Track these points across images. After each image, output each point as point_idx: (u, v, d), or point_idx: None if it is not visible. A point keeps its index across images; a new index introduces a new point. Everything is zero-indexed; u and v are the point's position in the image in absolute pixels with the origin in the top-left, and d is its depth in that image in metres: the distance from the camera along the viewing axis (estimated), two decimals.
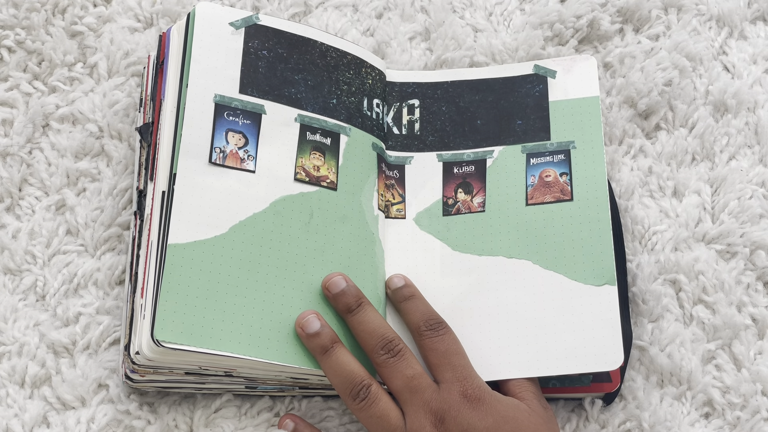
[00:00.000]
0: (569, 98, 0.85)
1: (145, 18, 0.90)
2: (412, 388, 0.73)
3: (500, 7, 0.93)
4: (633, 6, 0.92)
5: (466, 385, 0.74)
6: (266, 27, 0.84)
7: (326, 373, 0.74)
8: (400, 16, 0.93)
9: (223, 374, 0.76)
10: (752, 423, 0.80)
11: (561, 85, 0.85)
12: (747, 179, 0.87)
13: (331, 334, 0.75)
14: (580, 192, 0.81)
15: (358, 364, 0.74)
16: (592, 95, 0.85)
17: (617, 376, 0.79)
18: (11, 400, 0.78)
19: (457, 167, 0.84)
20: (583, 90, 0.85)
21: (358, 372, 0.74)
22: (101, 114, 0.86)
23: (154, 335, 0.72)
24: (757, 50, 0.92)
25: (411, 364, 0.74)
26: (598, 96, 0.84)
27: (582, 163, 0.82)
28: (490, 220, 0.82)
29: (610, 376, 0.79)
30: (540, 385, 0.77)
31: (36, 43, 0.88)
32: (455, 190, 0.84)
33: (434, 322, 0.76)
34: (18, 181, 0.84)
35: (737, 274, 0.84)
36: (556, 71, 0.86)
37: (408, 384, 0.74)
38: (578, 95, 0.85)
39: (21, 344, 0.79)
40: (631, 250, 0.85)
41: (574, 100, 0.85)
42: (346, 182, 0.81)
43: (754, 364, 0.82)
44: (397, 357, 0.74)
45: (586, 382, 0.78)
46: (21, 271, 0.82)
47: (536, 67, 0.86)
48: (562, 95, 0.85)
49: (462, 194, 0.83)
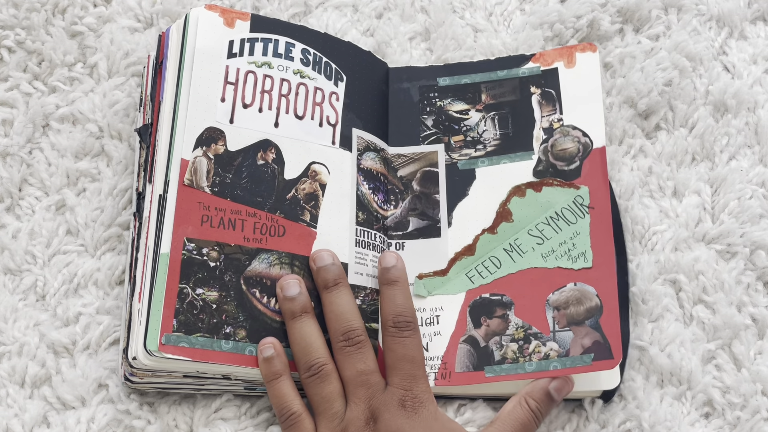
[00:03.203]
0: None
1: (145, 18, 0.90)
2: (360, 383, 0.75)
3: (500, 7, 0.93)
4: (633, 6, 0.92)
5: (408, 395, 0.75)
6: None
7: (289, 339, 0.76)
8: (400, 16, 0.93)
9: (221, 377, 0.76)
10: (752, 423, 0.80)
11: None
12: (747, 179, 0.87)
13: (305, 303, 0.76)
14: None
15: (322, 340, 0.76)
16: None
17: (618, 351, 0.78)
18: (11, 400, 0.78)
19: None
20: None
21: (318, 347, 0.75)
22: (101, 114, 0.86)
23: (146, 345, 0.72)
24: (757, 50, 0.92)
25: (365, 358, 0.75)
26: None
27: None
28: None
29: (612, 351, 0.78)
30: (541, 370, 0.77)
31: (36, 43, 0.88)
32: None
33: (402, 321, 0.77)
34: (18, 181, 0.84)
35: (737, 274, 0.84)
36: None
37: (357, 377, 0.75)
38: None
39: (21, 344, 0.79)
40: (631, 250, 0.85)
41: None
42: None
43: (754, 364, 0.81)
44: (354, 347, 0.75)
45: (587, 362, 0.78)
46: (21, 271, 0.82)
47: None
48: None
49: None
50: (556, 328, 0.79)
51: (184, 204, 0.77)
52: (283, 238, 0.79)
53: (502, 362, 0.79)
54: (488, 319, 0.81)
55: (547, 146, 0.85)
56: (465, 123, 0.87)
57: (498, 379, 0.79)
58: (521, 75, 0.88)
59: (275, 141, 0.81)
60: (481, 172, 0.85)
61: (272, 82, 0.82)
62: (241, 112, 0.80)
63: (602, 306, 0.79)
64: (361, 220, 0.82)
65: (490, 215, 0.84)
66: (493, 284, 0.82)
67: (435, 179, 0.85)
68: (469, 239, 0.83)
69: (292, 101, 0.82)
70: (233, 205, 0.78)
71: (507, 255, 0.82)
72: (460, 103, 0.88)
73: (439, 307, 0.82)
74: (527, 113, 0.86)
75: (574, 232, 0.82)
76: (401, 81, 0.88)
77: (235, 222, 0.78)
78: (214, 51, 0.81)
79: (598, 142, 0.84)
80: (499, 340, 0.80)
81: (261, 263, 0.77)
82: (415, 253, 0.83)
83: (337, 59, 0.85)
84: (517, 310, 0.80)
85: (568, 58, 0.87)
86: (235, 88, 0.81)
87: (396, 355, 0.76)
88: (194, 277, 0.75)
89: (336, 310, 0.76)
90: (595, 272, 0.80)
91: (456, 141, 0.86)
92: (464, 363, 0.79)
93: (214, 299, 0.75)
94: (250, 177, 0.79)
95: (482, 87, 0.88)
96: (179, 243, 0.76)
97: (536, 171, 0.84)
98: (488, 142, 0.86)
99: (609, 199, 0.83)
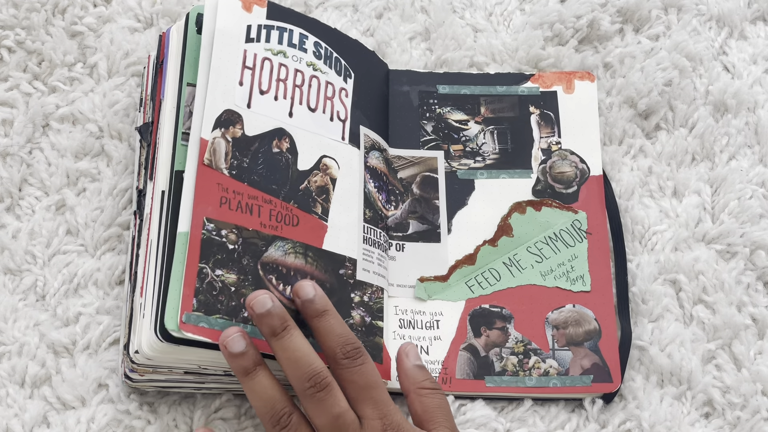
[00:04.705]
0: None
1: (145, 18, 0.90)
2: (337, 427, 0.70)
3: (500, 7, 0.93)
4: (633, 6, 0.92)
5: (386, 423, 0.71)
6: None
7: (247, 395, 0.71)
8: (400, 16, 0.92)
9: (223, 373, 0.75)
10: (752, 423, 0.80)
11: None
12: (747, 179, 0.87)
13: (255, 356, 0.71)
14: None
15: (279, 389, 0.71)
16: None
17: (617, 375, 0.79)
18: (11, 400, 0.78)
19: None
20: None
21: (280, 398, 0.71)
22: (101, 114, 0.86)
23: (165, 324, 0.71)
24: (757, 50, 0.92)
25: (338, 401, 0.71)
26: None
27: None
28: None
29: (611, 375, 0.79)
30: (541, 385, 0.78)
31: (36, 43, 0.88)
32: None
33: (352, 350, 0.72)
34: (18, 181, 0.84)
35: (737, 274, 0.84)
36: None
37: (333, 423, 0.70)
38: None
39: (21, 344, 0.79)
40: (631, 250, 0.85)
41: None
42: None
43: (754, 364, 0.81)
44: (324, 392, 0.70)
45: (587, 382, 0.79)
46: (21, 271, 0.82)
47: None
48: None
49: None
50: (555, 346, 0.80)
51: (204, 183, 0.75)
52: (297, 227, 0.78)
53: (502, 374, 0.80)
54: (488, 330, 0.81)
55: (545, 167, 0.86)
56: (464, 133, 0.87)
57: (498, 390, 0.80)
58: (520, 93, 0.88)
59: (289, 131, 0.80)
60: (480, 183, 0.86)
61: (287, 71, 0.82)
62: (258, 98, 0.80)
63: (600, 330, 0.81)
64: (368, 217, 0.82)
65: (490, 227, 0.84)
66: (493, 296, 0.82)
67: (435, 185, 0.86)
68: (470, 248, 0.84)
69: (305, 93, 0.82)
70: (250, 189, 0.77)
71: (506, 269, 0.83)
72: (460, 113, 0.88)
73: (439, 312, 0.82)
74: (526, 132, 0.87)
75: (573, 255, 0.83)
76: (401, 84, 0.88)
77: (252, 207, 0.77)
78: (234, 34, 0.80)
79: (595, 170, 0.85)
80: (499, 351, 0.80)
81: (277, 250, 0.77)
82: (415, 256, 0.83)
83: (346, 56, 0.85)
84: (517, 324, 0.81)
85: (567, 83, 0.88)
86: (252, 73, 0.80)
87: (359, 386, 0.72)
88: (213, 257, 0.74)
89: (293, 357, 0.70)
90: (594, 296, 0.82)
91: (455, 150, 0.87)
92: (464, 370, 0.80)
93: (233, 282, 0.75)
94: (266, 164, 0.78)
95: (481, 100, 0.88)
96: (199, 222, 0.74)
97: (535, 190, 0.85)
98: (487, 155, 0.86)
99: (606, 226, 0.84)
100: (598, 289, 0.82)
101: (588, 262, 0.83)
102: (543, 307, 0.82)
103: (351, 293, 0.79)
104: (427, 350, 0.81)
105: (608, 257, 0.83)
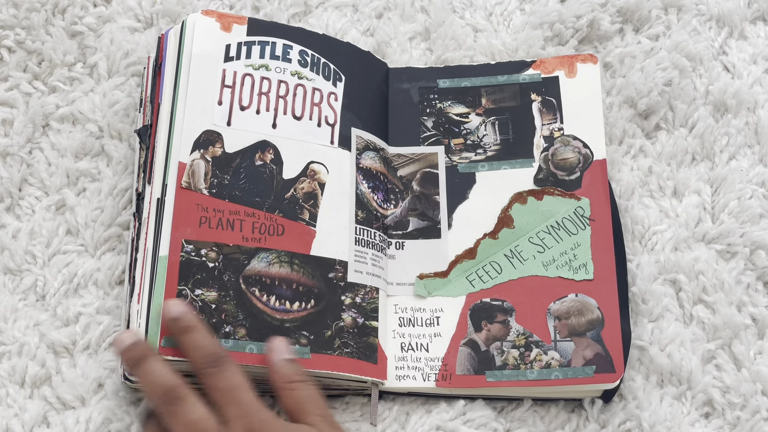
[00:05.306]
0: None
1: (145, 18, 0.90)
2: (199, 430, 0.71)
3: (500, 7, 0.93)
4: (633, 6, 0.92)
5: (252, 420, 0.71)
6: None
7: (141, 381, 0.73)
8: (400, 16, 0.93)
9: None
10: (752, 423, 0.80)
11: None
12: (747, 179, 0.87)
13: (146, 348, 0.73)
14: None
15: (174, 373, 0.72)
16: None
17: (620, 365, 0.79)
18: (11, 400, 0.78)
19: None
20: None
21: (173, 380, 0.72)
22: (101, 114, 0.86)
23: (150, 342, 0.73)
24: (757, 50, 0.92)
25: (193, 409, 0.71)
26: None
27: None
28: None
29: (614, 365, 0.79)
30: (542, 378, 0.77)
31: (36, 43, 0.88)
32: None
33: (212, 358, 0.73)
34: (18, 181, 0.84)
35: (737, 274, 0.84)
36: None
37: (191, 430, 0.71)
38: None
39: (21, 344, 0.79)
40: (631, 250, 0.85)
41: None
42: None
43: (754, 364, 0.81)
44: (176, 404, 0.71)
45: (589, 373, 0.78)
46: (21, 271, 0.82)
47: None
48: None
49: None
50: (557, 337, 0.80)
51: (182, 206, 0.77)
52: (282, 236, 0.79)
53: (503, 368, 0.79)
54: (489, 324, 0.81)
55: (547, 155, 0.85)
56: (465, 126, 0.87)
57: (499, 384, 0.79)
58: (522, 81, 0.88)
59: (273, 141, 0.81)
60: (482, 176, 0.85)
61: (270, 84, 0.82)
62: (238, 115, 0.81)
63: (603, 319, 0.80)
64: (360, 218, 0.82)
65: (490, 220, 0.84)
66: (494, 289, 0.82)
67: (435, 180, 0.85)
68: (470, 242, 0.83)
69: (290, 102, 0.82)
70: (231, 206, 0.78)
71: (508, 261, 0.83)
72: (460, 106, 0.88)
73: (439, 309, 0.82)
74: (528, 120, 0.87)
75: (575, 243, 0.82)
76: (401, 81, 0.88)
77: (233, 222, 0.78)
78: (211, 55, 0.81)
79: (599, 154, 0.85)
80: (500, 345, 0.80)
81: (260, 262, 0.78)
82: (414, 253, 0.83)
83: (336, 60, 0.85)
84: (518, 317, 0.81)
85: (569, 67, 0.87)
86: (232, 91, 0.81)
87: (223, 390, 0.72)
88: (192, 278, 0.76)
89: (149, 380, 0.72)
90: (596, 285, 0.81)
91: (456, 144, 0.86)
92: (465, 366, 0.80)
93: (213, 299, 0.76)
94: (249, 178, 0.79)
95: (482, 91, 0.88)
96: (177, 245, 0.76)
97: (537, 179, 0.85)
98: (488, 147, 0.86)
99: (610, 212, 0.83)
100: (601, 277, 0.81)
101: (591, 249, 0.82)
102: (545, 298, 0.81)
103: (342, 296, 0.79)
104: (427, 347, 0.80)
105: (611, 244, 0.82)
